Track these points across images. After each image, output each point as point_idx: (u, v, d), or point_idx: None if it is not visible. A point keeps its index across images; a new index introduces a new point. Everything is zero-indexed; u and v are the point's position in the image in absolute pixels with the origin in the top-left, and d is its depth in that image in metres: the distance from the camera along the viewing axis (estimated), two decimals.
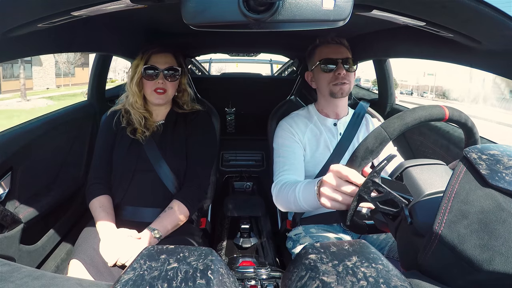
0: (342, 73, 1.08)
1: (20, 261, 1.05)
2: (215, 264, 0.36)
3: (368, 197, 0.58)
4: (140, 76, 1.14)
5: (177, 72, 1.17)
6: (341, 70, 1.08)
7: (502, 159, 0.41)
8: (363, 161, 0.60)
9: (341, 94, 1.11)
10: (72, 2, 0.62)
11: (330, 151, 1.13)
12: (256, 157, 2.14)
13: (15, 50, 0.78)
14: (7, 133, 1.10)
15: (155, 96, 1.14)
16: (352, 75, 1.12)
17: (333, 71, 1.09)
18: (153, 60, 1.13)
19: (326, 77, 1.11)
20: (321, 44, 1.14)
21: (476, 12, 0.59)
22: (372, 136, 0.60)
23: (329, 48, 1.12)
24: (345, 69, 1.09)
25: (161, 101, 1.16)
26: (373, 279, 0.34)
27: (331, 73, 1.10)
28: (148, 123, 1.17)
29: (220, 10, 0.49)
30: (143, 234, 1.00)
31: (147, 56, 1.14)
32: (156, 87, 1.13)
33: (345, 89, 1.10)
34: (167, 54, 1.16)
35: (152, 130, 1.17)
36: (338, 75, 1.08)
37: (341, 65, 1.08)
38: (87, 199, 1.11)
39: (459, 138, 1.20)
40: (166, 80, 1.14)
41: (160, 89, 1.13)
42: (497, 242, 0.37)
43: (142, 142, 1.14)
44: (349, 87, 1.11)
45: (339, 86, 1.09)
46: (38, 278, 0.36)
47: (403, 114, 0.60)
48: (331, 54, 1.10)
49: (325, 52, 1.12)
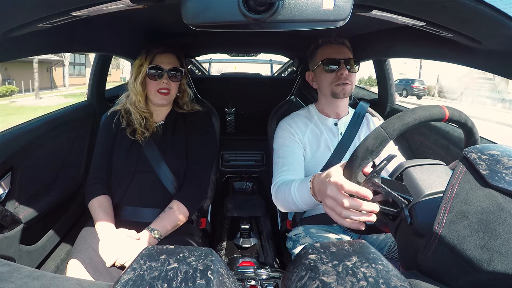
0: (345, 73, 1.08)
1: (20, 261, 1.05)
2: (215, 264, 0.36)
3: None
4: (144, 75, 1.14)
5: (180, 73, 1.17)
6: (343, 70, 1.08)
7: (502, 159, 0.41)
8: (363, 161, 0.60)
9: (343, 94, 1.11)
10: (72, 2, 0.62)
11: (331, 151, 1.13)
12: (256, 157, 2.14)
13: (15, 50, 0.78)
14: (7, 133, 1.10)
15: (159, 97, 1.15)
16: (354, 76, 1.12)
17: (335, 71, 1.09)
18: (157, 60, 1.14)
19: (328, 77, 1.11)
20: (324, 44, 1.14)
21: (476, 12, 0.59)
22: (372, 136, 0.60)
23: (332, 48, 1.12)
24: (347, 70, 1.09)
25: (164, 102, 1.16)
26: (373, 279, 0.34)
27: (333, 74, 1.10)
28: (148, 123, 1.17)
29: (220, 10, 0.49)
30: (142, 234, 1.00)
31: (152, 56, 1.14)
32: (160, 87, 1.14)
33: (347, 90, 1.10)
34: (171, 54, 1.17)
35: (152, 130, 1.17)
36: (341, 76, 1.08)
37: (344, 66, 1.08)
38: (86, 199, 1.11)
39: (459, 138, 1.20)
40: (170, 80, 1.15)
41: (164, 89, 1.14)
42: (497, 242, 0.37)
43: (142, 143, 1.14)
44: (351, 87, 1.11)
45: (341, 86, 1.09)
46: (38, 278, 0.36)
47: (403, 114, 0.60)
48: (334, 54, 1.10)
49: (327, 52, 1.11)
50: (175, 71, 1.15)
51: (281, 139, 1.12)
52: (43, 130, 1.22)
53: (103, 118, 1.25)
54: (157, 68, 1.13)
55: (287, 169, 1.04)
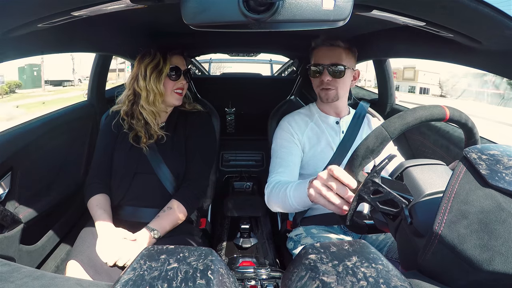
0: (326, 79, 1.08)
1: (20, 261, 1.05)
2: (215, 264, 0.36)
3: (368, 197, 0.58)
4: (166, 75, 1.14)
5: (189, 73, 1.22)
6: (324, 76, 1.08)
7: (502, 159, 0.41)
8: (364, 160, 0.60)
9: (327, 99, 1.11)
10: (72, 2, 0.61)
11: (332, 149, 1.13)
12: (256, 157, 2.14)
13: (15, 50, 0.78)
14: (7, 133, 1.10)
15: (176, 97, 1.17)
16: (341, 81, 1.09)
17: (319, 76, 1.09)
18: (174, 61, 1.16)
19: (315, 81, 1.12)
20: (316, 47, 1.13)
21: (476, 12, 0.59)
22: (373, 135, 0.60)
23: (321, 51, 1.11)
24: (330, 75, 1.07)
25: (179, 102, 1.19)
26: (373, 279, 0.34)
27: (318, 79, 1.10)
28: (151, 131, 1.16)
29: (220, 10, 0.49)
30: (142, 233, 1.00)
31: (169, 56, 1.15)
32: (177, 87, 1.16)
33: (330, 95, 1.10)
34: (180, 55, 1.20)
35: (157, 136, 1.16)
36: (322, 82, 1.09)
37: (326, 71, 1.07)
38: (85, 197, 1.11)
39: (459, 138, 1.20)
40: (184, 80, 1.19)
41: (180, 89, 1.17)
42: (497, 242, 0.37)
43: (146, 152, 1.14)
44: (336, 92, 1.10)
45: (324, 91, 1.10)
46: (38, 278, 0.36)
47: (404, 114, 0.60)
48: (319, 58, 1.10)
49: (316, 55, 1.12)
50: (187, 72, 1.20)
51: (280, 140, 1.13)
52: (43, 130, 1.22)
53: (103, 118, 1.25)
54: (176, 69, 1.15)
55: (282, 171, 1.05)
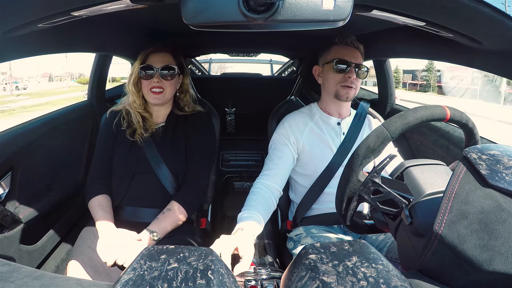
0: (353, 77, 1.08)
1: (20, 261, 1.05)
2: (215, 264, 0.36)
3: (368, 197, 0.58)
4: (137, 75, 1.14)
5: (173, 71, 1.15)
6: (351, 73, 1.08)
7: (502, 159, 0.41)
8: (365, 159, 0.60)
9: (346, 98, 1.11)
10: (72, 2, 0.61)
11: (332, 151, 1.13)
12: (256, 157, 2.14)
13: (15, 50, 0.78)
14: (7, 133, 1.10)
15: (152, 96, 1.14)
16: (359, 82, 1.12)
17: (343, 73, 1.09)
18: (150, 60, 1.14)
19: (336, 77, 1.10)
20: (339, 43, 1.13)
21: (476, 12, 0.59)
22: (374, 134, 0.60)
23: (346, 49, 1.11)
24: (356, 74, 1.09)
25: (158, 101, 1.15)
26: (373, 279, 0.34)
27: (341, 75, 1.09)
28: (148, 124, 1.17)
29: (220, 10, 0.49)
30: (141, 236, 1.00)
31: (145, 56, 1.14)
32: (152, 86, 1.13)
33: (350, 94, 1.10)
34: (165, 53, 1.16)
35: (152, 131, 1.16)
36: (348, 78, 1.08)
37: (353, 69, 1.08)
38: (86, 198, 1.11)
39: (459, 138, 1.20)
40: (162, 79, 1.14)
41: (156, 87, 1.13)
42: (497, 242, 0.37)
43: (140, 144, 1.14)
44: (355, 92, 1.12)
45: (346, 89, 1.09)
46: (38, 278, 0.36)
47: (404, 114, 0.60)
48: (346, 56, 1.10)
49: (341, 52, 1.11)
50: (167, 70, 1.14)
51: (273, 143, 1.14)
52: (43, 130, 1.22)
53: (103, 118, 1.25)
54: (147, 67, 1.13)
55: (268, 174, 1.07)
